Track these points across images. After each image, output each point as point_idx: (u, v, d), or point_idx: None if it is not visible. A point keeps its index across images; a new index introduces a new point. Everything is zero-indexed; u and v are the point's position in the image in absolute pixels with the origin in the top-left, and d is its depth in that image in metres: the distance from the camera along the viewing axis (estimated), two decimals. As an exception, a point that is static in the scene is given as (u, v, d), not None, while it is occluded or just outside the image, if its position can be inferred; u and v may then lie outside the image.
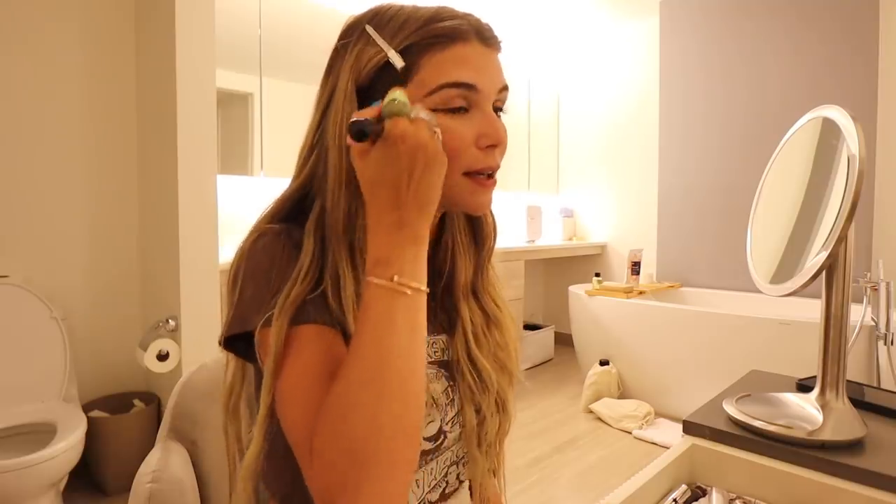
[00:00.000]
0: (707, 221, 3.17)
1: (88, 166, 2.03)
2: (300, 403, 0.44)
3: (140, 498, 0.58)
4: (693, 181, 3.23)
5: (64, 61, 1.96)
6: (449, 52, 0.50)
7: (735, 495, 0.64)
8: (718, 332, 2.45)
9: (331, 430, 0.40)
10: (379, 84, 0.50)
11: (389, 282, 0.43)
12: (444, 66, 0.50)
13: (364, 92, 0.51)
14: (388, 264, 0.43)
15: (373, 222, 0.45)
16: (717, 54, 3.10)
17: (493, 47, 0.53)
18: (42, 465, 1.41)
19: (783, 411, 0.72)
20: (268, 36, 2.45)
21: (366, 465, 0.39)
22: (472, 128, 0.51)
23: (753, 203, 0.86)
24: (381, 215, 0.44)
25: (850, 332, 1.91)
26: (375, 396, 0.40)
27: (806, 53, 2.75)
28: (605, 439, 2.42)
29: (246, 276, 0.50)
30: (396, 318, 0.42)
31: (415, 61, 0.50)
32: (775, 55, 2.86)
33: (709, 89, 3.15)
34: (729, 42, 3.05)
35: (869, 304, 1.82)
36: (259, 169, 2.45)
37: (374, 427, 0.40)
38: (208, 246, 1.85)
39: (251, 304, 0.48)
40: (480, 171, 0.52)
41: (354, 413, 0.40)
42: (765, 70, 2.91)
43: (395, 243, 0.44)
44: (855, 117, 0.67)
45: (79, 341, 1.98)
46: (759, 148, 2.84)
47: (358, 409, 0.40)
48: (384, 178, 0.43)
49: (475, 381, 0.58)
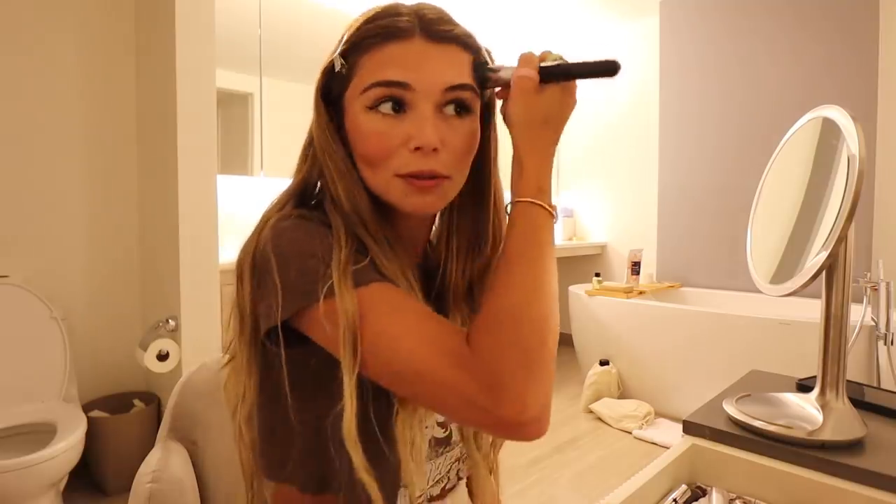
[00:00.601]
0: (707, 221, 3.17)
1: (88, 166, 2.03)
2: (417, 338, 0.43)
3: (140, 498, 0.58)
4: (693, 181, 3.23)
5: (64, 62, 1.96)
6: (382, 52, 0.49)
7: (735, 495, 0.64)
8: (718, 332, 2.45)
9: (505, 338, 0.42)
10: (333, 85, 0.54)
11: (548, 206, 0.48)
12: (375, 67, 0.50)
13: (326, 97, 0.55)
14: (544, 191, 0.49)
15: (525, 150, 0.50)
16: (716, 54, 3.10)
17: (442, 42, 0.50)
18: (42, 465, 1.41)
19: (783, 411, 0.72)
20: (268, 36, 2.45)
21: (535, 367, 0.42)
22: (402, 129, 0.49)
23: (753, 203, 0.86)
24: (547, 147, 0.50)
25: (850, 332, 1.91)
26: (545, 306, 0.44)
27: (806, 53, 2.75)
28: (605, 439, 2.42)
29: (284, 256, 0.47)
30: (550, 237, 0.48)
31: (354, 62, 0.51)
32: (775, 55, 2.86)
33: (709, 89, 3.15)
34: (729, 42, 3.05)
35: (869, 304, 1.82)
36: (259, 169, 2.45)
37: (544, 335, 0.43)
38: (208, 246, 1.85)
39: (306, 278, 0.46)
40: (410, 174, 0.50)
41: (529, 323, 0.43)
42: (765, 70, 2.91)
43: (548, 173, 0.50)
44: (855, 117, 0.67)
45: (79, 341, 1.98)
46: (759, 148, 2.84)
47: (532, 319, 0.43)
48: (556, 117, 0.50)
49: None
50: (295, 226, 0.49)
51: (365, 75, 0.50)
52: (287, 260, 0.47)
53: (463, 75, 0.51)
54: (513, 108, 0.51)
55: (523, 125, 0.50)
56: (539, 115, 0.50)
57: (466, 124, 0.52)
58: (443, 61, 0.50)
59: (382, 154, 0.50)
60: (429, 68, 0.49)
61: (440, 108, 0.50)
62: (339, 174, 0.52)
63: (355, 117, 0.51)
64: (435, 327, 0.45)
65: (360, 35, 0.51)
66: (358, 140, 0.51)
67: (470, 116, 0.52)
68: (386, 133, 0.50)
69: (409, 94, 0.49)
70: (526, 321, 0.43)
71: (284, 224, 0.49)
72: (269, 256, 0.47)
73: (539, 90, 0.50)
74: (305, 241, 0.48)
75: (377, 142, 0.50)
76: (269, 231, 0.49)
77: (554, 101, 0.50)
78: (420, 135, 0.49)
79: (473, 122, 0.53)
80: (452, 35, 0.51)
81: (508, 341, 0.42)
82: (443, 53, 0.50)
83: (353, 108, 0.51)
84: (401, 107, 0.50)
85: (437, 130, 0.49)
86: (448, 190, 0.53)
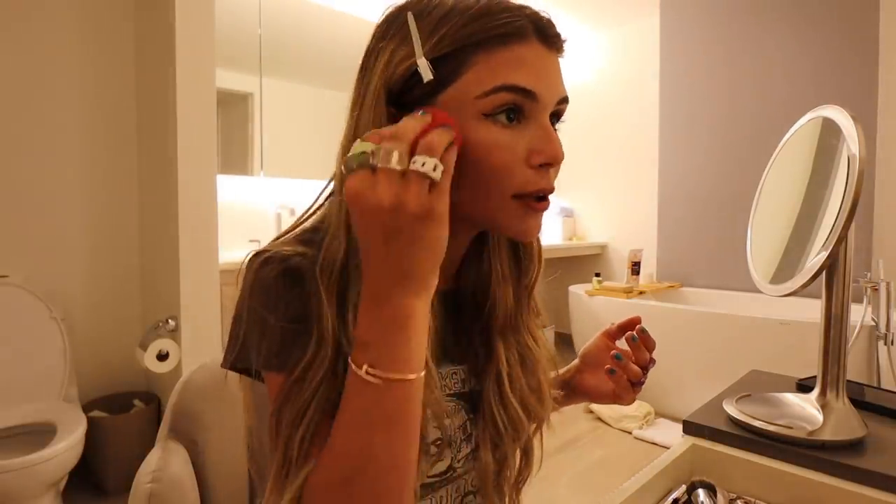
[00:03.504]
0: (707, 221, 3.17)
1: (89, 166, 2.03)
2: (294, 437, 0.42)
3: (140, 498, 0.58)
4: (693, 181, 3.23)
5: (64, 62, 1.96)
6: (504, 52, 0.43)
7: (735, 495, 0.64)
8: (718, 332, 2.45)
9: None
10: (416, 89, 0.43)
11: (360, 370, 0.38)
12: (498, 68, 0.42)
13: (398, 98, 0.45)
14: (366, 349, 0.38)
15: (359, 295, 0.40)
16: (716, 54, 3.10)
17: (554, 49, 0.46)
18: (42, 465, 1.41)
19: (783, 411, 0.72)
20: (268, 36, 2.45)
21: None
22: (524, 142, 0.44)
23: (753, 203, 0.86)
24: (362, 288, 0.39)
25: (850, 332, 1.91)
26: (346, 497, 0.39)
27: (806, 53, 2.75)
28: (605, 439, 2.42)
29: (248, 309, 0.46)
30: (371, 413, 0.38)
31: (461, 62, 0.43)
32: (775, 55, 2.86)
33: (709, 89, 3.15)
34: (729, 42, 3.05)
35: (869, 304, 1.82)
36: (259, 169, 2.45)
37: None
38: (208, 246, 1.85)
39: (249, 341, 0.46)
40: (532, 193, 0.45)
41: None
42: (765, 69, 2.91)
43: (372, 324, 0.38)
44: (855, 117, 0.67)
45: (79, 341, 1.97)
46: (759, 147, 2.84)
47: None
48: (359, 244, 0.39)
49: (504, 425, 0.54)
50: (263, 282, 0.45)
51: (484, 77, 0.42)
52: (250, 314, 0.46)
53: (565, 88, 0.47)
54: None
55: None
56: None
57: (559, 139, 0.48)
58: (556, 70, 0.46)
59: (504, 170, 0.43)
60: (550, 77, 0.45)
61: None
62: None
63: (464, 128, 0.42)
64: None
65: (472, 31, 0.43)
66: (471, 154, 0.43)
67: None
68: (509, 146, 0.43)
69: (531, 104, 0.43)
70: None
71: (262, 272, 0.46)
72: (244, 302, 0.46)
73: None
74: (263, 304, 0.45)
75: (500, 156, 0.43)
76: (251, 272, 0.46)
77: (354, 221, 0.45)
78: (551, 149, 0.44)
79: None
80: (562, 43, 0.47)
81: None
82: (556, 62, 0.46)
83: (459, 115, 0.42)
84: (517, 117, 0.44)
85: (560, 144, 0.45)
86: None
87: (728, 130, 3.06)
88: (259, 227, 2.47)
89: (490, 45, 0.43)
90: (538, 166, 0.44)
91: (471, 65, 0.43)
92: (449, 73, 0.43)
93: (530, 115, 0.44)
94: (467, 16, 0.43)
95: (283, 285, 0.44)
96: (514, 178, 0.44)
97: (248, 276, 0.46)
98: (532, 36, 0.44)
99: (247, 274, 0.47)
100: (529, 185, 0.44)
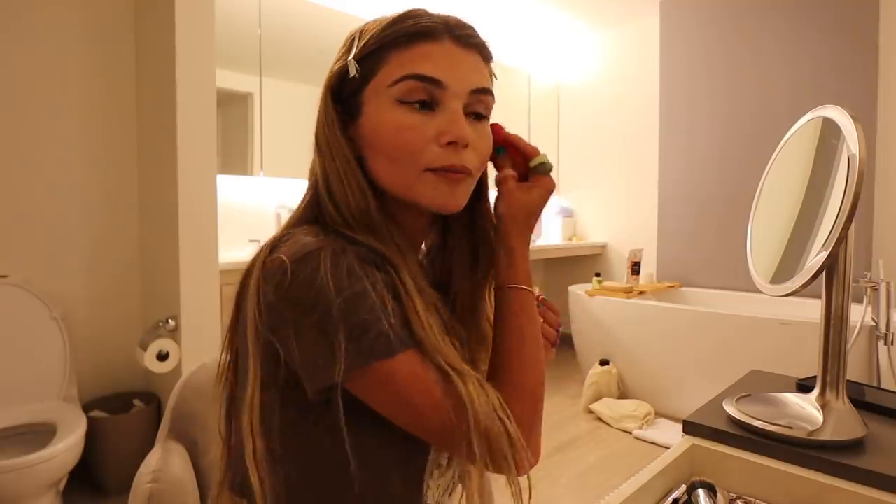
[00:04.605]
0: (707, 221, 3.17)
1: (88, 166, 2.03)
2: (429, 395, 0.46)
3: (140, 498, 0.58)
4: (693, 181, 3.23)
5: (64, 61, 1.96)
6: (414, 49, 0.51)
7: (735, 495, 0.64)
8: (718, 332, 2.45)
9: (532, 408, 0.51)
10: (344, 88, 0.54)
11: (531, 291, 0.55)
12: (407, 62, 0.50)
13: (337, 93, 0.55)
14: (529, 277, 0.55)
15: (515, 241, 0.56)
16: (716, 54, 3.10)
17: (469, 48, 0.53)
18: (42, 465, 1.41)
19: (783, 411, 0.72)
20: (268, 36, 2.45)
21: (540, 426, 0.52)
22: (434, 124, 0.50)
23: (753, 203, 0.86)
24: (525, 236, 0.56)
25: (850, 332, 1.91)
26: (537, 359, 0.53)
27: (806, 53, 2.75)
28: (605, 439, 2.42)
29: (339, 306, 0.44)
30: (534, 311, 0.55)
31: (378, 59, 0.51)
32: (775, 54, 2.86)
33: (709, 88, 3.15)
34: (728, 42, 3.05)
35: (869, 304, 1.82)
36: (259, 169, 2.45)
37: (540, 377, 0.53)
38: (208, 246, 1.85)
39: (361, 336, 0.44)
40: (442, 167, 0.51)
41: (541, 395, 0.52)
42: (765, 69, 2.91)
43: (527, 259, 0.56)
44: (855, 117, 0.67)
45: (79, 341, 1.98)
46: (759, 147, 2.84)
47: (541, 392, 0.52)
48: (536, 210, 0.57)
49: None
50: (337, 266, 0.45)
51: (396, 69, 0.50)
52: (342, 312, 0.44)
53: (485, 80, 0.54)
54: (500, 203, 0.57)
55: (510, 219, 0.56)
56: (524, 211, 0.57)
57: (485, 129, 0.55)
58: (470, 65, 0.52)
59: (413, 147, 0.50)
60: (460, 69, 0.51)
61: (464, 111, 0.52)
62: (345, 172, 0.52)
63: (380, 111, 0.51)
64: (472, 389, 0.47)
65: (390, 33, 0.51)
66: (384, 134, 0.51)
67: (485, 123, 0.55)
68: (417, 127, 0.50)
69: (441, 92, 0.50)
70: (539, 396, 0.52)
71: (322, 260, 0.45)
72: (316, 301, 0.44)
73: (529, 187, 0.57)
74: (355, 288, 0.45)
75: (409, 135, 0.50)
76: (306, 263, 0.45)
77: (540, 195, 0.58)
78: (455, 129, 0.50)
79: (487, 129, 0.56)
80: (476, 42, 0.53)
81: (535, 410, 0.51)
82: (469, 58, 0.52)
83: (377, 102, 0.52)
84: (430, 105, 0.51)
85: (468, 127, 0.51)
86: (469, 188, 0.55)
87: (728, 130, 3.06)
88: (259, 227, 2.47)
89: (401, 43, 0.51)
90: (446, 144, 0.50)
91: (386, 61, 0.51)
92: (369, 70, 0.52)
93: (442, 103, 0.51)
94: (387, 21, 0.52)
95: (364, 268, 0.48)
96: (424, 155, 0.50)
97: (322, 273, 0.45)
98: (444, 35, 0.51)
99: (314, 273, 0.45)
100: (438, 160, 0.51)
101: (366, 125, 0.52)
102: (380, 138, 0.51)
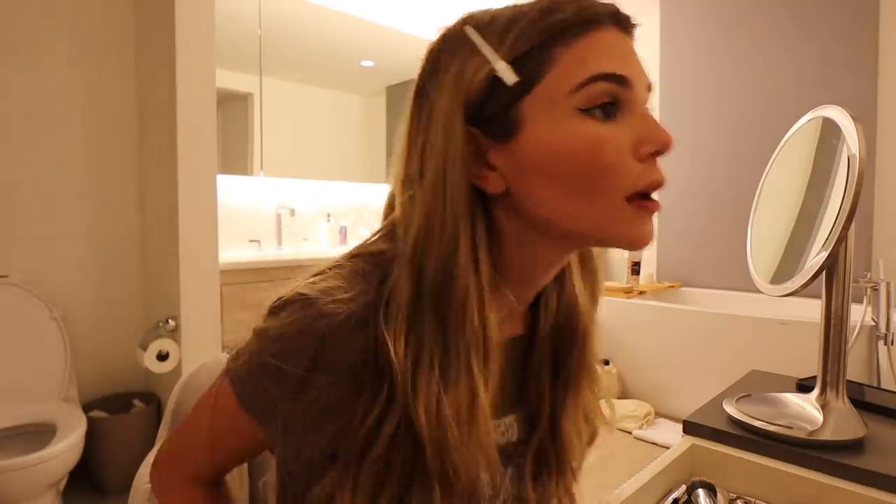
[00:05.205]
0: (707, 221, 3.16)
1: (88, 166, 2.03)
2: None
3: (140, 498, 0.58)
4: (693, 181, 3.23)
5: (64, 61, 1.96)
6: (587, 41, 0.39)
7: (735, 495, 0.64)
8: (718, 332, 2.45)
9: None
10: (495, 98, 0.39)
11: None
12: (587, 58, 0.38)
13: (475, 113, 0.40)
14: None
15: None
16: (716, 54, 3.10)
17: (629, 34, 0.42)
18: (42, 465, 1.41)
19: (783, 411, 0.72)
20: (268, 36, 2.45)
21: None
22: (627, 134, 0.39)
23: (753, 203, 0.86)
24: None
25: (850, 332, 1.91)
26: None
27: (806, 53, 2.74)
28: (605, 439, 2.41)
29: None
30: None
31: (544, 58, 0.38)
32: (775, 55, 2.86)
33: (708, 88, 3.15)
34: (729, 42, 3.05)
35: (869, 304, 1.82)
36: (259, 169, 2.45)
37: None
38: (208, 246, 1.85)
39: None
40: (646, 189, 0.40)
41: None
42: (764, 69, 2.91)
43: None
44: (855, 117, 0.67)
45: (79, 341, 1.97)
46: (759, 147, 2.84)
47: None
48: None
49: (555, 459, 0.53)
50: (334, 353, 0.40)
51: (574, 69, 0.38)
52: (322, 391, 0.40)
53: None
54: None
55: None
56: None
57: None
58: (637, 56, 0.42)
59: (615, 169, 0.38)
60: (635, 61, 0.41)
61: None
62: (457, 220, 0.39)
63: (558, 126, 0.38)
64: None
65: (556, 22, 0.39)
66: (571, 154, 0.38)
67: None
68: (612, 140, 0.38)
69: (627, 92, 0.39)
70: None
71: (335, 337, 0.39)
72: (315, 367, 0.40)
73: None
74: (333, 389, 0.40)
75: (609, 151, 0.38)
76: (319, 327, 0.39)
77: None
78: (657, 134, 0.39)
79: None
80: (634, 26, 0.42)
81: None
82: (633, 46, 0.42)
83: (550, 114, 0.39)
84: (613, 111, 0.39)
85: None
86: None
87: (728, 130, 3.06)
88: (259, 227, 2.47)
89: (570, 35, 0.38)
90: (646, 158, 0.39)
91: (555, 59, 0.38)
92: (532, 73, 0.39)
93: (625, 106, 0.39)
94: (538, 10, 0.39)
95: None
96: (626, 177, 0.39)
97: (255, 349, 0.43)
98: (607, 21, 0.40)
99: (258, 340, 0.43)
100: (642, 179, 0.39)
101: (532, 146, 0.39)
102: (564, 160, 0.38)
